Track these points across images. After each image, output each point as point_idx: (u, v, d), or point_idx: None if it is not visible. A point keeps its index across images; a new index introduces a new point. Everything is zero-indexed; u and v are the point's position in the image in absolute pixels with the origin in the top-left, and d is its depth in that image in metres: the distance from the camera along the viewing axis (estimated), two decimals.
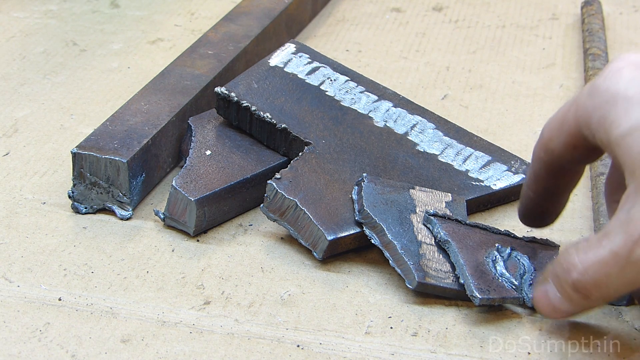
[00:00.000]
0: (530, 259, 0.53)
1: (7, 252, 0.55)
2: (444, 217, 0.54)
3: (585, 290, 0.45)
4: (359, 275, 0.54)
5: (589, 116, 0.46)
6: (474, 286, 0.50)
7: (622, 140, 0.44)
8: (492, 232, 0.54)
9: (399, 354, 0.48)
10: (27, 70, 0.76)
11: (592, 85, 0.47)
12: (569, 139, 0.48)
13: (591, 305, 0.47)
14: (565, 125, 0.48)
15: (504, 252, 0.53)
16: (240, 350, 0.48)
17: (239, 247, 0.56)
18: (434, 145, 0.62)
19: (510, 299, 0.51)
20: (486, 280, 0.51)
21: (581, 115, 0.47)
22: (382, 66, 0.79)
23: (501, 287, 0.51)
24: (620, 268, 0.44)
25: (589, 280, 0.45)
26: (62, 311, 0.50)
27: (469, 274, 0.51)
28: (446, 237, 0.52)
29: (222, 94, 0.61)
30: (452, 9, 0.90)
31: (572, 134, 0.48)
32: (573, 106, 0.48)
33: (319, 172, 0.57)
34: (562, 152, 0.49)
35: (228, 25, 0.74)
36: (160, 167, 0.61)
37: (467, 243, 0.52)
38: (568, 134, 0.48)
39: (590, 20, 0.83)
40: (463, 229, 0.53)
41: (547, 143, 0.49)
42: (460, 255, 0.51)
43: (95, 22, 0.85)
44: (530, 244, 0.54)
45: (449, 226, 0.53)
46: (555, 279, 0.47)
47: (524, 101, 0.74)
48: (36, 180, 0.61)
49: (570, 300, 0.47)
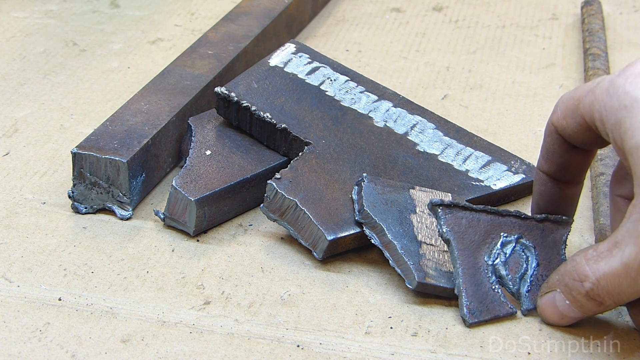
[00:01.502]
0: (536, 248, 0.52)
1: (7, 252, 0.55)
2: (449, 206, 0.52)
3: (599, 298, 0.46)
4: (359, 275, 0.54)
5: (605, 114, 0.46)
6: (466, 307, 0.50)
7: (636, 151, 0.44)
8: (500, 215, 0.53)
9: (399, 354, 0.48)
10: (27, 70, 0.76)
11: (612, 83, 0.46)
12: (582, 121, 0.48)
13: (604, 310, 0.48)
14: (580, 109, 0.48)
15: (509, 244, 0.52)
16: (240, 350, 0.48)
17: (239, 247, 0.56)
18: (434, 145, 0.62)
19: (502, 316, 0.50)
20: (480, 295, 0.50)
21: (597, 110, 0.46)
22: (382, 66, 0.79)
23: (495, 303, 0.51)
24: (632, 278, 0.44)
25: (603, 290, 0.46)
26: (62, 311, 0.50)
27: (464, 290, 0.50)
28: (447, 236, 0.52)
29: (222, 94, 0.61)
30: (452, 9, 0.90)
31: (586, 119, 0.48)
32: (590, 95, 0.47)
33: (319, 172, 0.57)
34: (574, 133, 0.49)
35: (228, 25, 0.74)
36: (160, 167, 0.61)
37: (469, 239, 0.52)
38: (582, 118, 0.48)
39: (590, 20, 0.83)
40: (468, 218, 0.52)
41: (560, 120, 0.49)
42: (459, 260, 0.51)
43: (95, 22, 0.85)
44: (542, 224, 0.53)
45: (453, 217, 0.52)
46: (565, 289, 0.48)
47: (524, 101, 0.74)
48: (36, 180, 0.61)
49: (581, 308, 0.48)
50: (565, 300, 0.48)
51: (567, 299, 0.48)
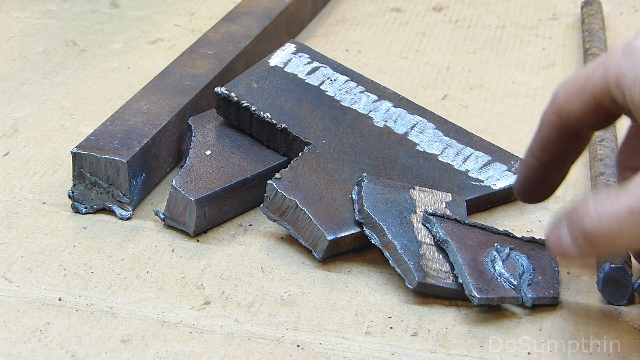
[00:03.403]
0: (529, 259, 0.53)
1: (7, 252, 0.55)
2: (443, 217, 0.54)
3: (594, 240, 0.45)
4: (359, 275, 0.54)
5: (622, 74, 0.46)
6: (473, 286, 0.50)
7: None
8: (491, 232, 0.54)
9: (399, 354, 0.48)
10: (27, 70, 0.76)
11: (627, 44, 0.46)
12: (591, 99, 0.48)
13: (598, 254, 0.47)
14: (589, 86, 0.48)
15: (503, 252, 0.53)
16: (240, 350, 0.48)
17: (239, 247, 0.56)
18: (434, 145, 0.62)
19: (509, 298, 0.51)
20: (485, 280, 0.51)
21: (612, 74, 0.46)
22: (382, 66, 0.79)
23: (500, 287, 0.51)
24: (635, 223, 0.44)
25: (600, 231, 0.45)
26: (62, 311, 0.50)
27: (468, 273, 0.51)
28: (445, 237, 0.52)
29: (222, 94, 0.61)
30: (452, 9, 0.90)
31: (596, 95, 0.47)
32: (601, 66, 0.47)
33: (319, 172, 0.57)
34: (580, 115, 0.48)
35: (228, 25, 0.74)
36: (160, 167, 0.61)
37: (466, 243, 0.52)
38: (591, 95, 0.48)
39: (590, 20, 0.83)
40: (462, 228, 0.53)
41: (562, 106, 0.49)
42: (459, 254, 0.51)
43: (95, 22, 0.85)
44: (529, 244, 0.54)
45: (448, 226, 0.53)
46: (569, 222, 0.47)
47: (524, 101, 0.74)
48: (36, 180, 0.61)
49: (578, 246, 0.46)
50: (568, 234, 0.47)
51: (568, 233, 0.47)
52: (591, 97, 0.48)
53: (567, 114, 0.49)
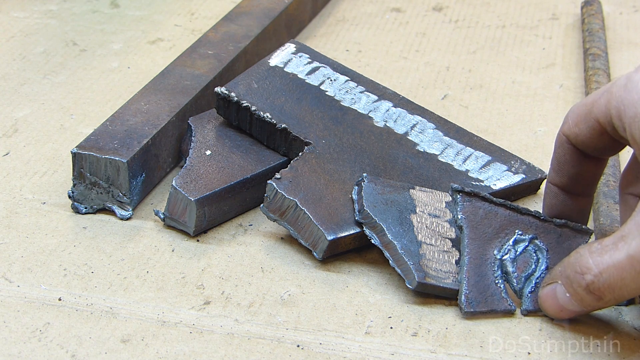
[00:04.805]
0: (549, 252, 0.52)
1: (7, 252, 0.55)
2: (469, 194, 0.52)
3: (599, 292, 0.46)
4: (359, 275, 0.54)
5: (623, 109, 0.46)
6: (464, 295, 0.50)
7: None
8: (519, 213, 0.53)
9: (399, 354, 0.48)
10: (27, 70, 0.76)
11: (629, 78, 0.47)
12: (596, 125, 0.48)
13: (602, 306, 0.47)
14: (594, 112, 0.48)
15: (521, 242, 0.52)
16: (240, 350, 0.48)
17: (239, 247, 0.56)
18: (434, 145, 0.62)
19: (500, 311, 0.51)
20: (482, 287, 0.50)
21: (615, 106, 0.47)
22: (382, 66, 0.79)
23: (494, 296, 0.51)
24: (637, 272, 0.44)
25: (604, 283, 0.45)
26: (62, 311, 0.50)
27: (466, 277, 0.50)
28: (461, 222, 0.51)
29: (222, 94, 0.61)
30: (452, 9, 0.90)
31: (601, 122, 0.48)
32: (605, 95, 0.47)
33: (319, 172, 0.57)
34: (587, 139, 0.49)
35: (228, 25, 0.74)
36: (160, 167, 0.61)
37: (482, 230, 0.51)
38: (596, 121, 0.48)
39: (590, 20, 0.83)
40: (486, 209, 0.52)
41: (572, 128, 0.49)
42: (468, 249, 0.51)
43: (95, 22, 0.85)
44: (560, 229, 0.53)
45: (471, 206, 0.52)
46: (566, 281, 0.47)
47: (524, 101, 0.74)
48: (36, 180, 0.61)
49: (581, 301, 0.47)
50: (566, 292, 0.48)
51: (567, 292, 0.48)
52: (596, 122, 0.48)
53: (576, 136, 0.49)
